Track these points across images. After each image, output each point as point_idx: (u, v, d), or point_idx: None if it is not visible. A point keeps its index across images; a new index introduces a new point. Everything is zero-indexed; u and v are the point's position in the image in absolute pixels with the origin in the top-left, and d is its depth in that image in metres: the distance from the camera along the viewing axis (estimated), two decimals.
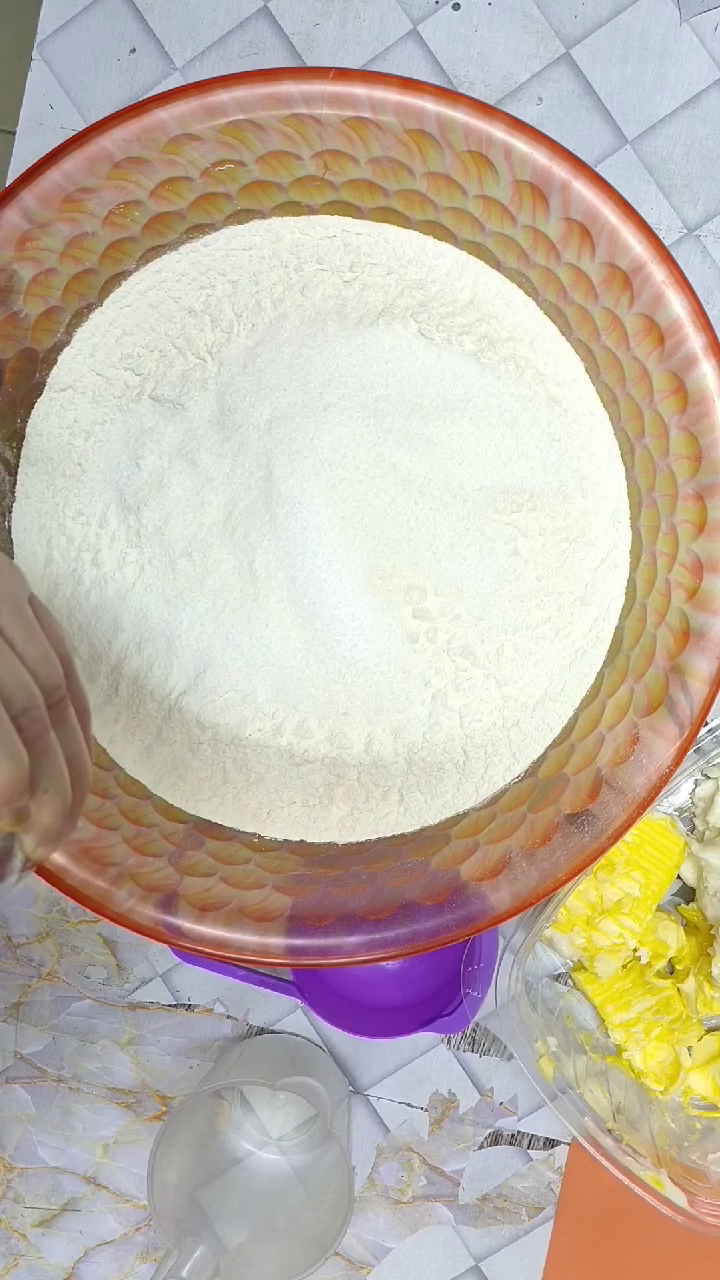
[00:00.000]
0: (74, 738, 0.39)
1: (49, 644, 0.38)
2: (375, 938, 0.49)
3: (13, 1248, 0.66)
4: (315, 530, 0.52)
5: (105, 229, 0.50)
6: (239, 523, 0.53)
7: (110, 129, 0.48)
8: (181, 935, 0.49)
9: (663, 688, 0.49)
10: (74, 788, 0.38)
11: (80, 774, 0.39)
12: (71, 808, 0.38)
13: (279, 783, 0.53)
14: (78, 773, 0.38)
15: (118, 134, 0.48)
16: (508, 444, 0.52)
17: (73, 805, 0.38)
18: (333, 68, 0.47)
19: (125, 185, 0.49)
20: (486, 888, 0.48)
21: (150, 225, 0.51)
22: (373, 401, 0.52)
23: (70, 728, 0.39)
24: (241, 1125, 0.65)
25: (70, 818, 0.38)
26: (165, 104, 0.48)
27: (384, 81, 0.47)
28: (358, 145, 0.49)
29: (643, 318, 0.48)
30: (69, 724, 0.39)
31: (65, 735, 0.38)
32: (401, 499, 0.52)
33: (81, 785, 0.39)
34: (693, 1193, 0.56)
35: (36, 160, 0.48)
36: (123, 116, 0.48)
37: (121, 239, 0.51)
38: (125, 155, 0.48)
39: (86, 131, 0.48)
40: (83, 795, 0.39)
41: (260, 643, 0.53)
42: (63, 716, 0.38)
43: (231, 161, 0.49)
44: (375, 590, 0.52)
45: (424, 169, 0.49)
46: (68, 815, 0.38)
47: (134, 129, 0.48)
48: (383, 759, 0.53)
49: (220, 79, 0.47)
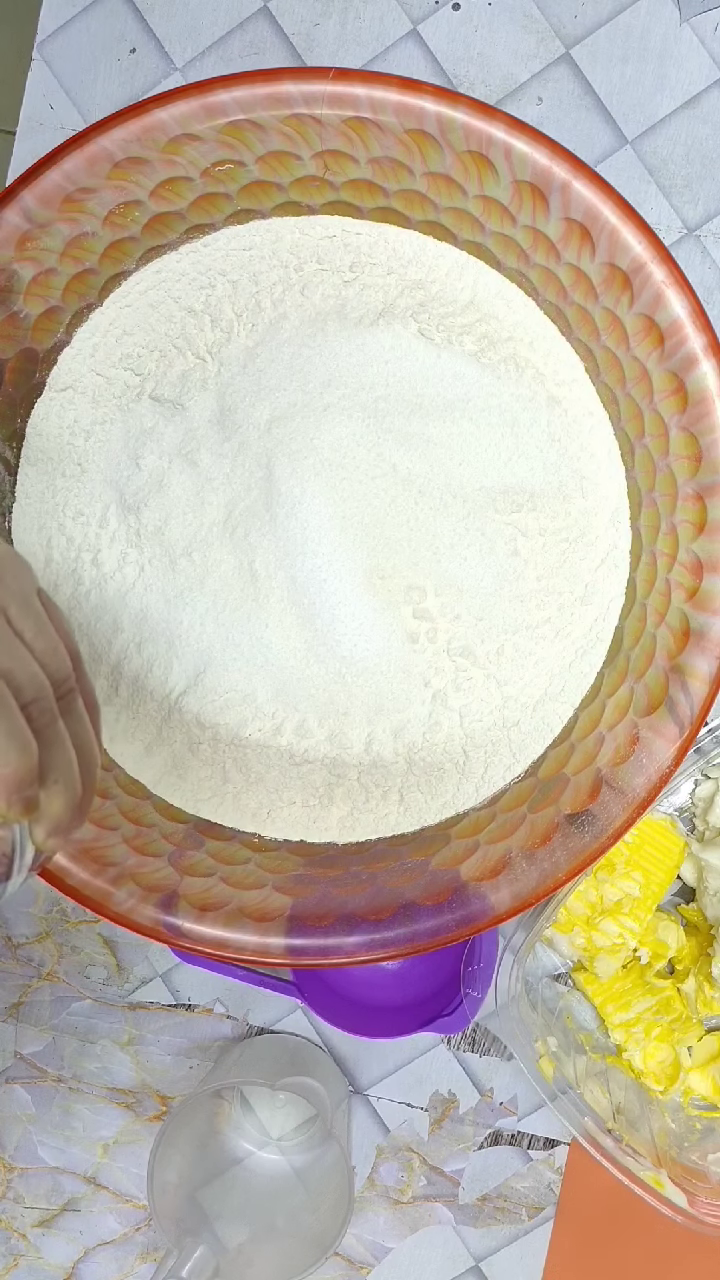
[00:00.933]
0: (83, 728, 0.39)
1: (57, 637, 0.38)
2: (375, 938, 0.49)
3: (13, 1248, 0.66)
4: (315, 530, 0.52)
5: (105, 229, 0.50)
6: (239, 523, 0.53)
7: (110, 129, 0.48)
8: (181, 935, 0.49)
9: (663, 688, 0.49)
10: (83, 778, 0.38)
11: (89, 765, 0.39)
12: (81, 798, 0.38)
13: (279, 783, 0.53)
14: (86, 763, 0.39)
15: (118, 134, 0.48)
16: (508, 444, 0.52)
17: (82, 796, 0.38)
18: (333, 68, 0.47)
19: (125, 185, 0.49)
20: (486, 888, 0.48)
21: (150, 225, 0.51)
22: (373, 401, 0.52)
23: (79, 718, 0.39)
24: (241, 1125, 0.65)
25: (80, 809, 0.38)
26: (165, 104, 0.48)
27: (384, 81, 0.47)
28: (358, 145, 0.49)
29: (643, 318, 0.48)
30: (78, 715, 0.39)
31: (74, 726, 0.38)
32: (401, 499, 0.52)
33: (90, 776, 0.39)
34: (693, 1193, 0.56)
35: (36, 160, 0.48)
36: (123, 116, 0.48)
37: (121, 239, 0.51)
38: (125, 155, 0.48)
39: (86, 131, 0.48)
40: (92, 786, 0.39)
41: (260, 643, 0.53)
42: (71, 707, 0.39)
43: (231, 161, 0.49)
44: (375, 590, 0.52)
45: (424, 169, 0.49)
46: (77, 805, 0.38)
47: (134, 129, 0.48)
48: (383, 759, 0.53)
49: (220, 79, 0.47)
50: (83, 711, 0.39)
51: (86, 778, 0.39)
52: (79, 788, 0.38)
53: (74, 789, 0.38)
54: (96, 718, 0.40)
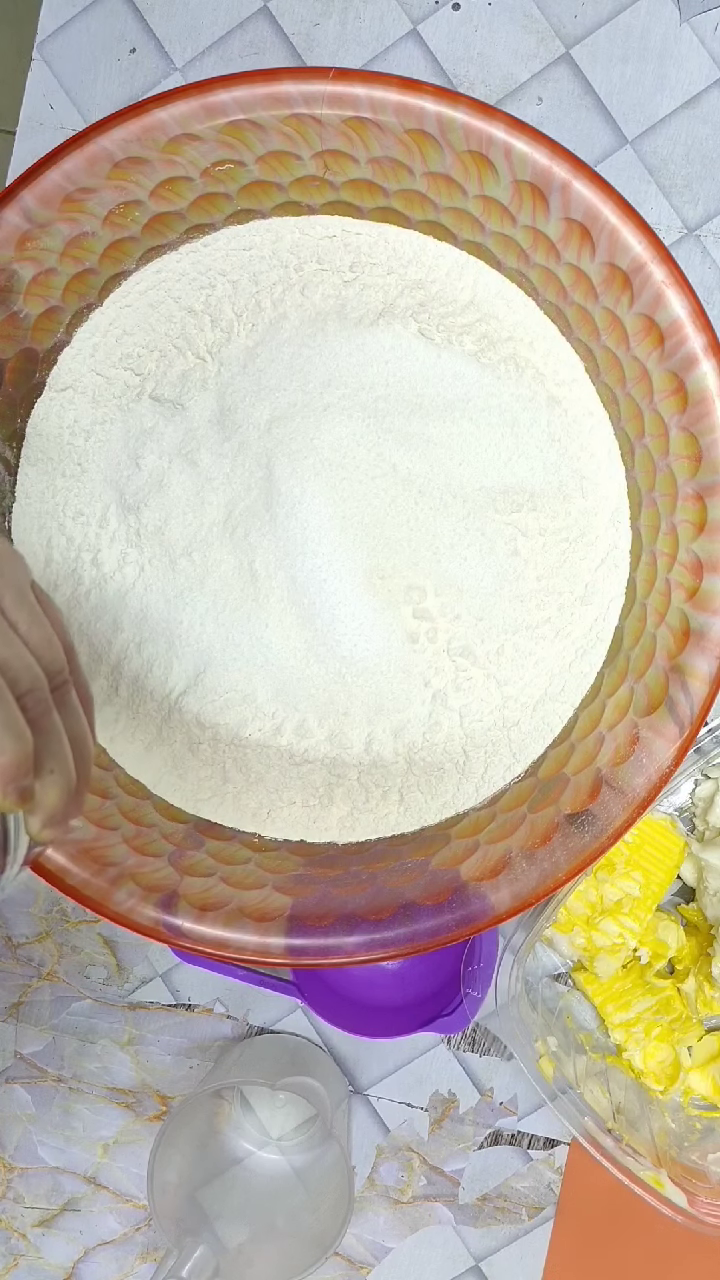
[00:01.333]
0: (78, 720, 0.39)
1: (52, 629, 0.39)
2: (375, 938, 0.49)
3: (13, 1248, 0.66)
4: (315, 530, 0.52)
5: (105, 229, 0.50)
6: (239, 523, 0.53)
7: (110, 129, 0.48)
8: (181, 935, 0.49)
9: (663, 688, 0.49)
10: (78, 769, 0.39)
11: (84, 755, 0.39)
12: (77, 789, 0.39)
13: (279, 783, 0.53)
14: (81, 754, 0.39)
15: (118, 134, 0.48)
16: (508, 444, 0.52)
17: (78, 787, 0.39)
18: (333, 68, 0.47)
19: (125, 185, 0.49)
20: (486, 888, 0.48)
21: (150, 225, 0.51)
22: (373, 401, 0.52)
23: (73, 710, 0.39)
24: (241, 1125, 0.65)
25: (76, 800, 0.39)
26: (165, 104, 0.48)
27: (384, 81, 0.47)
28: (358, 145, 0.49)
29: (643, 318, 0.48)
30: (72, 706, 0.39)
31: (69, 717, 0.39)
32: (401, 499, 0.52)
33: (85, 767, 0.39)
34: (693, 1193, 0.56)
35: (36, 160, 0.48)
36: (123, 116, 0.48)
37: (121, 239, 0.51)
38: (125, 155, 0.48)
39: (86, 131, 0.48)
40: (87, 777, 0.40)
41: (260, 643, 0.53)
42: (65, 699, 0.39)
43: (231, 161, 0.49)
44: (375, 590, 0.52)
45: (424, 169, 0.49)
46: (73, 796, 0.38)
47: (134, 129, 0.48)
48: (383, 759, 0.53)
49: (220, 79, 0.47)
50: (77, 704, 0.39)
51: (82, 769, 0.39)
52: (74, 778, 0.38)
53: (69, 779, 0.38)
54: (90, 710, 0.41)
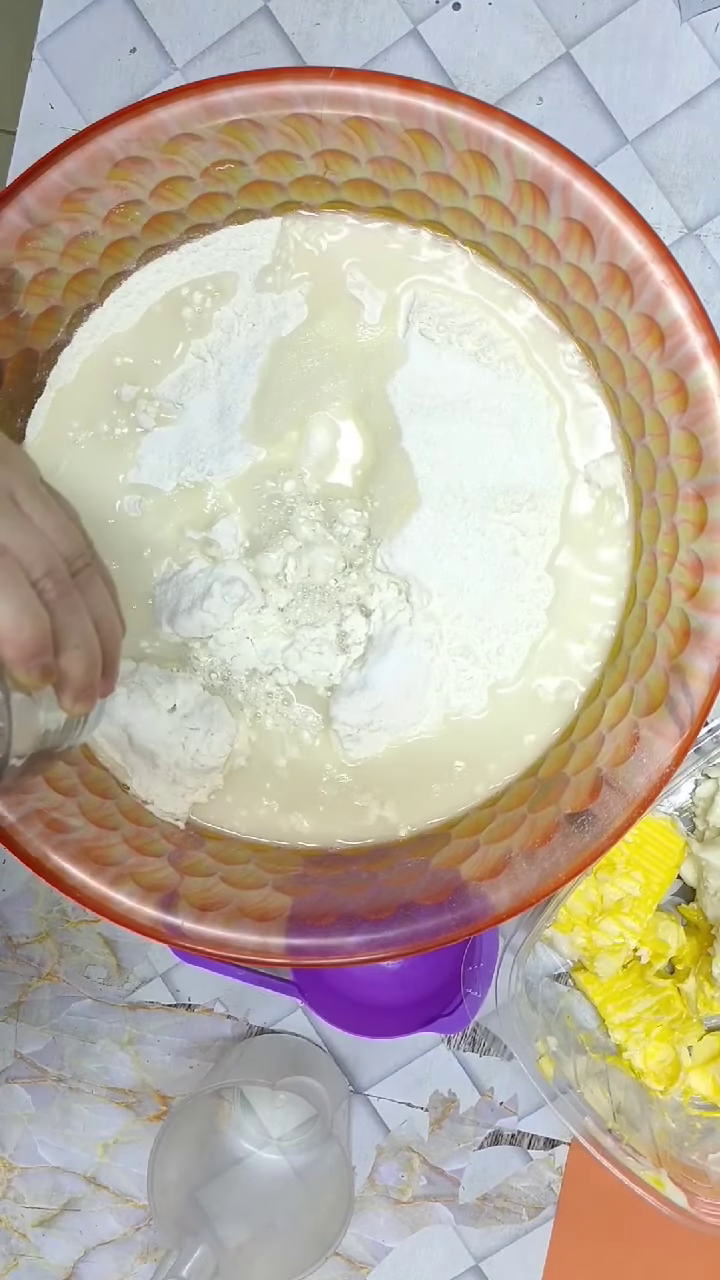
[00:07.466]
0: (101, 599, 0.40)
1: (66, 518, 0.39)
2: (375, 938, 0.49)
3: (13, 1248, 0.66)
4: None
5: (105, 229, 0.50)
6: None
7: (110, 129, 0.48)
8: (181, 935, 0.49)
9: (663, 687, 0.49)
10: (105, 645, 0.39)
11: (110, 632, 0.40)
12: (106, 664, 0.39)
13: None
14: (107, 630, 0.40)
15: (118, 134, 0.48)
16: (508, 444, 0.52)
17: (106, 663, 0.40)
18: (333, 67, 0.47)
19: (125, 185, 0.49)
20: (487, 887, 0.48)
21: (150, 225, 0.51)
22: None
23: (96, 590, 0.40)
24: (241, 1125, 0.65)
25: (107, 674, 0.40)
26: (166, 104, 0.48)
27: (384, 81, 0.47)
28: (358, 145, 0.49)
29: (643, 317, 0.48)
30: (95, 587, 0.40)
31: (92, 598, 0.39)
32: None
33: (112, 644, 0.40)
34: (693, 1193, 0.55)
35: (37, 160, 0.48)
36: (123, 116, 0.48)
37: (122, 239, 0.51)
38: (125, 155, 0.48)
39: (87, 131, 0.48)
40: (115, 653, 0.40)
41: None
42: (88, 579, 0.39)
43: (232, 161, 0.49)
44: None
45: (424, 169, 0.49)
46: (100, 670, 0.39)
47: (134, 129, 0.48)
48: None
49: (221, 79, 0.47)
50: (100, 584, 0.40)
51: (109, 644, 0.40)
52: (98, 652, 0.39)
53: (93, 653, 0.39)
54: (114, 591, 0.41)
